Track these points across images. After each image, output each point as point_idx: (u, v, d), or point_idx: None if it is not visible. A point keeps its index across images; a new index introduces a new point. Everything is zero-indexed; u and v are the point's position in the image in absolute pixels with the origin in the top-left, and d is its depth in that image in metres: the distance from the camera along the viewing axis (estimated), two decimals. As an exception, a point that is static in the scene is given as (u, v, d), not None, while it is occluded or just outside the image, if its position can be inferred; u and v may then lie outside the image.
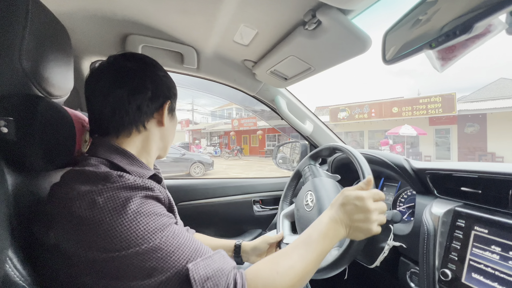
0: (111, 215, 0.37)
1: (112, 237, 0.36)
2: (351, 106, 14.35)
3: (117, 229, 0.36)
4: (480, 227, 0.52)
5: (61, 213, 0.38)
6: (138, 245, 0.36)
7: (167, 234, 0.39)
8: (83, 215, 0.37)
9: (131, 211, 0.38)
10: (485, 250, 0.50)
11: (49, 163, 0.48)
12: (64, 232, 0.38)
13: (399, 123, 12.29)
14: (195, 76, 1.06)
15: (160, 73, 0.55)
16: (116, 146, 0.49)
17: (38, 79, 0.45)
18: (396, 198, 0.86)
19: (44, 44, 0.47)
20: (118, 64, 0.51)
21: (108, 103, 0.49)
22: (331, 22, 0.58)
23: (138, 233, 0.37)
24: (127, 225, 0.37)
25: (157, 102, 0.53)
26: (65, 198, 0.39)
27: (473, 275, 0.50)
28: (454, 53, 0.42)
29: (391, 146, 11.52)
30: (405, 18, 0.50)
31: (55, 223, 0.38)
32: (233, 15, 0.69)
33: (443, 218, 0.59)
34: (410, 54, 0.48)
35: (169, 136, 0.59)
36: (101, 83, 0.50)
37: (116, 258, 0.35)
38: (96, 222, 0.36)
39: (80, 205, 0.37)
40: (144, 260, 0.36)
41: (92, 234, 0.36)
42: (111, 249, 0.36)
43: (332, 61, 0.75)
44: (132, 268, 0.36)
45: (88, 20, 0.78)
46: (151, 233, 0.38)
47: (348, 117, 14.41)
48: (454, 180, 0.64)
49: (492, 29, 0.38)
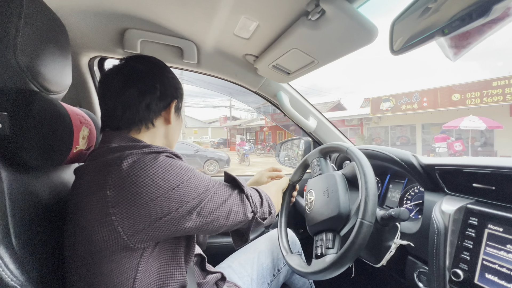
0: (157, 162, 0.44)
1: (163, 176, 0.44)
2: (397, 95, 11.92)
3: (165, 170, 0.44)
4: (494, 225, 0.50)
5: (116, 172, 0.42)
6: (184, 177, 0.46)
7: (197, 171, 0.51)
8: (136, 166, 0.42)
9: (168, 159, 0.46)
10: (500, 249, 0.47)
11: (46, 159, 0.47)
12: (122, 187, 0.41)
13: (462, 113, 9.49)
14: (195, 72, 1.04)
15: (169, 75, 0.59)
16: (131, 136, 0.52)
17: (34, 74, 0.44)
18: (403, 195, 0.84)
19: (41, 38, 0.45)
20: (130, 66, 0.55)
21: (120, 102, 0.52)
22: (335, 11, 0.55)
23: (179, 170, 0.46)
24: (169, 166, 0.45)
25: (165, 101, 0.57)
26: (117, 161, 0.43)
27: (487, 276, 0.47)
28: (468, 40, 0.40)
29: (449, 143, 9.37)
30: (414, 5, 0.47)
31: (109, 182, 0.41)
32: (233, 6, 0.66)
33: (454, 216, 0.56)
34: (420, 42, 0.45)
35: (174, 133, 0.63)
36: (114, 83, 0.53)
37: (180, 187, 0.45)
38: (147, 169, 0.43)
39: (133, 160, 0.43)
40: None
41: (146, 178, 0.42)
42: (166, 186, 0.43)
43: (336, 53, 0.72)
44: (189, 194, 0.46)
45: (86, 14, 0.76)
46: (187, 170, 0.48)
47: (393, 108, 12.01)
48: (465, 176, 0.61)
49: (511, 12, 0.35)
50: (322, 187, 0.75)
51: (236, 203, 0.54)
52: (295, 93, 1.15)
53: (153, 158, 0.45)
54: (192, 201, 0.46)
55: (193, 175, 0.48)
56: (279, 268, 0.87)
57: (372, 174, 0.61)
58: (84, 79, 0.96)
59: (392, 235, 0.68)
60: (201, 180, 0.49)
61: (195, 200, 0.47)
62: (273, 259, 0.87)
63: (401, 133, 13.08)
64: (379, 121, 13.63)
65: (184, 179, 0.46)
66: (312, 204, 0.75)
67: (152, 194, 0.42)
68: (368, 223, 0.54)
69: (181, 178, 0.46)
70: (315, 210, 0.73)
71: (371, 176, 0.60)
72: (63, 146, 0.51)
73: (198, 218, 0.47)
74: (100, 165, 0.45)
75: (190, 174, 0.48)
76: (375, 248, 0.71)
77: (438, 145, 9.43)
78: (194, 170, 0.50)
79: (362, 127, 14.63)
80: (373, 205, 0.56)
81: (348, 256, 0.54)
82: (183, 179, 0.46)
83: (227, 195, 0.53)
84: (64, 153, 0.51)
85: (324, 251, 0.63)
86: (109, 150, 0.47)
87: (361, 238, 0.54)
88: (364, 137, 14.16)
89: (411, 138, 12.64)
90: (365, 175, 0.60)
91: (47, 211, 0.48)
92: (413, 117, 11.94)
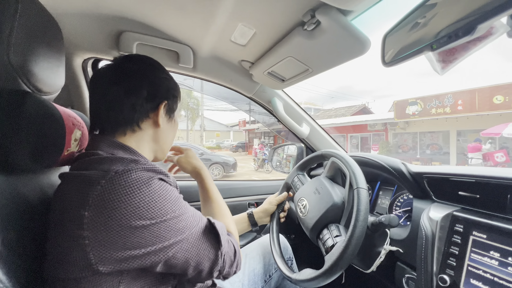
0: (146, 188, 0.41)
1: (149, 207, 0.41)
2: (425, 98, 10.45)
3: (152, 199, 0.41)
4: (478, 232, 0.52)
5: (96, 191, 0.39)
6: (170, 213, 0.43)
7: (184, 205, 0.48)
8: (121, 190, 0.39)
9: (158, 186, 0.44)
10: (484, 255, 0.49)
11: (36, 162, 0.46)
12: (102, 209, 0.38)
13: (507, 118, 7.99)
14: (191, 76, 1.04)
15: (161, 75, 0.56)
16: (118, 142, 0.50)
17: (26, 74, 0.43)
18: (392, 202, 0.86)
19: (34, 39, 0.45)
20: (118, 64, 0.53)
21: (104, 101, 0.50)
22: (330, 22, 0.57)
23: (168, 204, 0.43)
24: (158, 196, 0.42)
25: (153, 102, 0.54)
26: (98, 178, 0.40)
27: (472, 281, 0.49)
28: (455, 55, 0.42)
29: (486, 154, 7.78)
30: (405, 20, 0.50)
31: (89, 202, 0.39)
32: (231, 14, 0.67)
33: (441, 223, 0.58)
34: (410, 56, 0.47)
35: (166, 137, 0.59)
36: (101, 81, 0.52)
37: (156, 224, 0.41)
38: (133, 194, 0.40)
39: (118, 181, 0.40)
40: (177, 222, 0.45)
41: (129, 205, 0.39)
42: (150, 217, 0.41)
43: (330, 63, 0.74)
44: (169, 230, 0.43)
45: (82, 15, 0.76)
46: (176, 204, 0.45)
47: (421, 112, 10.58)
48: (452, 184, 0.63)
49: (493, 32, 0.37)
50: (311, 189, 0.79)
51: (208, 259, 0.49)
52: (289, 100, 1.17)
53: (142, 182, 0.41)
54: (171, 241, 0.43)
55: (181, 213, 0.45)
56: (270, 274, 0.87)
57: (349, 157, 0.69)
58: (77, 80, 0.94)
59: (382, 241, 0.70)
60: (187, 221, 0.46)
61: (174, 241, 0.43)
62: (265, 264, 0.87)
63: (432, 140, 11.59)
64: (406, 126, 12.22)
65: (171, 215, 0.43)
66: (306, 208, 0.76)
67: (133, 223, 0.39)
68: (364, 189, 0.59)
69: (168, 213, 0.43)
70: (311, 210, 0.75)
71: (348, 157, 0.69)
72: (55, 148, 0.50)
73: (169, 260, 0.43)
74: (82, 180, 0.42)
75: (179, 212, 0.45)
76: (365, 254, 0.72)
77: (471, 156, 8.00)
78: (184, 206, 0.47)
79: (387, 132, 13.21)
80: (360, 175, 0.63)
81: (360, 225, 0.57)
82: (170, 215, 0.43)
83: (204, 248, 0.48)
84: (55, 156, 0.50)
85: (333, 241, 0.64)
86: (94, 161, 0.44)
87: (364, 203, 0.58)
88: (389, 143, 12.89)
89: (444, 146, 11.14)
90: (343, 157, 0.70)
91: (36, 214, 0.47)
92: (446, 122, 10.52)
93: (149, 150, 0.57)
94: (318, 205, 0.73)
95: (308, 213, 0.75)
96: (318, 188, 0.76)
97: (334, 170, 0.78)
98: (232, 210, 1.23)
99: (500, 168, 0.61)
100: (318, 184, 0.78)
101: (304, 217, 0.77)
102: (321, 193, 0.74)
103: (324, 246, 0.66)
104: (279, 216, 0.93)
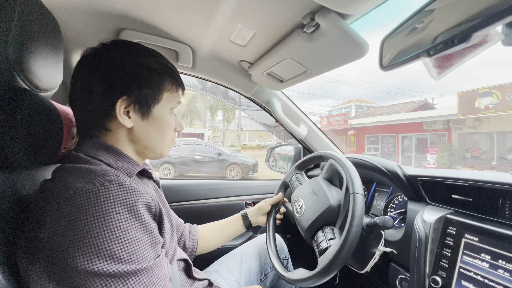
0: (108, 216, 0.36)
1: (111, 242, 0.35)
2: (503, 86, 7.92)
3: (116, 233, 0.36)
4: (470, 234, 0.53)
5: (54, 209, 0.36)
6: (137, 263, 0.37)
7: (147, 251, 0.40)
8: (78, 213, 0.35)
9: (127, 218, 0.38)
10: (475, 258, 0.50)
11: (33, 159, 0.46)
12: (58, 231, 0.35)
13: None
14: (190, 75, 1.04)
15: (123, 60, 0.46)
16: (101, 142, 0.47)
17: (24, 70, 0.43)
18: (387, 203, 0.87)
19: (32, 35, 0.45)
20: (81, 57, 0.48)
21: (70, 99, 0.48)
22: (329, 26, 0.58)
23: (120, 246, 0.36)
24: (124, 230, 0.37)
25: (109, 98, 0.45)
26: (59, 194, 0.37)
27: (463, 283, 0.50)
28: (451, 62, 0.43)
29: None
30: (403, 25, 0.50)
31: (47, 220, 0.36)
32: (231, 14, 0.68)
33: (434, 225, 0.59)
34: (407, 61, 0.48)
35: (148, 137, 0.51)
36: (73, 74, 0.48)
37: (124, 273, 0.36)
38: (92, 221, 0.35)
39: (75, 202, 0.35)
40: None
41: (87, 235, 0.34)
42: (113, 257, 0.35)
43: (329, 65, 0.75)
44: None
45: (81, 12, 0.75)
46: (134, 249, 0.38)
47: (497, 105, 8.02)
48: (446, 187, 0.64)
49: (489, 40, 0.38)
50: (308, 190, 0.79)
51: None
52: (288, 101, 1.18)
53: (99, 208, 0.35)
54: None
55: (140, 269, 0.38)
56: (266, 273, 0.88)
57: (347, 160, 0.69)
58: None
59: (377, 242, 0.71)
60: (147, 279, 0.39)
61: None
62: (261, 263, 0.88)
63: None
64: (477, 124, 9.48)
65: (124, 267, 0.36)
66: (303, 209, 0.77)
67: (79, 264, 0.34)
68: (360, 194, 0.60)
69: (121, 261, 0.36)
70: (307, 211, 0.75)
71: (346, 160, 0.70)
72: (52, 146, 0.50)
73: None
74: (47, 192, 0.38)
75: (135, 265, 0.37)
76: (360, 255, 0.73)
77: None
78: (143, 254, 0.39)
79: (449, 132, 10.54)
80: (357, 179, 0.64)
81: (354, 231, 0.57)
82: (123, 266, 0.36)
83: None
84: (52, 153, 0.50)
85: (327, 243, 0.65)
86: (65, 170, 0.41)
87: (359, 209, 0.58)
88: (451, 146, 10.17)
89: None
90: (341, 160, 0.70)
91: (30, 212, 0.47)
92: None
93: (133, 151, 0.52)
94: (314, 207, 0.73)
95: (304, 214, 0.76)
96: (315, 190, 0.77)
97: (332, 171, 0.79)
98: (229, 210, 1.25)
99: (493, 173, 0.62)
100: (315, 186, 0.78)
101: (300, 218, 0.78)
102: (317, 195, 0.75)
103: (318, 248, 0.67)
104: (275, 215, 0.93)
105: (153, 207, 0.44)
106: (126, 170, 0.46)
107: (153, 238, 0.41)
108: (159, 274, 0.41)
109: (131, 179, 0.46)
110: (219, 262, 0.86)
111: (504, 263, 0.46)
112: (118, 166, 0.46)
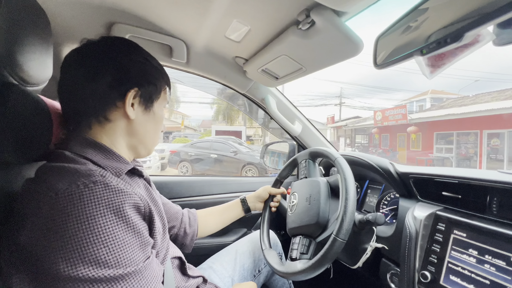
0: (92, 219, 0.35)
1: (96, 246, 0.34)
2: None
3: (100, 237, 0.35)
4: (459, 231, 0.54)
5: (35, 212, 0.35)
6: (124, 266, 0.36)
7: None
8: (60, 216, 0.34)
9: (113, 220, 0.37)
10: (463, 253, 0.52)
11: (21, 156, 0.45)
12: (39, 235, 0.34)
13: None
14: (184, 71, 1.03)
15: (135, 57, 0.49)
16: (89, 138, 0.46)
17: (11, 64, 0.42)
18: (379, 200, 0.88)
19: (20, 27, 0.43)
20: (83, 47, 0.48)
21: (66, 88, 0.46)
22: (324, 23, 0.58)
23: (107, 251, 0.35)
24: (109, 234, 0.36)
25: (119, 89, 0.46)
26: (40, 195, 0.36)
27: (451, 277, 0.52)
28: (443, 61, 0.43)
29: None
30: (397, 24, 0.51)
31: (28, 223, 0.35)
32: (226, 10, 0.67)
33: (424, 222, 0.60)
34: (400, 59, 0.48)
35: (144, 131, 0.52)
36: (64, 66, 0.47)
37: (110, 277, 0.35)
38: (75, 225, 0.34)
39: (57, 205, 0.34)
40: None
41: (70, 239, 0.33)
42: (96, 261, 0.34)
43: (324, 62, 0.75)
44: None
45: (72, 4, 0.73)
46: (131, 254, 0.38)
47: None
48: (436, 184, 0.66)
49: (480, 39, 0.39)
50: (306, 193, 0.78)
51: None
52: (283, 98, 1.18)
53: (84, 212, 0.34)
54: None
55: (126, 274, 0.37)
56: (259, 269, 0.88)
57: (353, 191, 0.62)
58: None
59: (369, 238, 0.72)
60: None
61: None
62: (254, 260, 0.88)
63: None
64: None
65: (110, 272, 0.35)
66: (295, 207, 0.78)
67: (61, 270, 0.33)
68: (341, 240, 0.58)
69: (108, 266, 0.35)
70: (296, 213, 0.76)
71: (352, 193, 0.61)
72: (41, 142, 0.49)
73: None
74: (29, 192, 0.37)
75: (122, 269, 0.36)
76: (352, 251, 0.74)
77: None
78: (132, 259, 0.38)
79: None
80: (348, 223, 0.58)
81: (318, 266, 0.58)
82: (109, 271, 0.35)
83: None
84: (41, 149, 0.49)
85: (298, 255, 0.67)
86: (48, 170, 0.40)
87: (332, 253, 0.57)
88: None
89: None
90: (347, 191, 0.61)
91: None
92: None
93: (126, 146, 0.52)
94: (303, 214, 0.73)
95: (293, 214, 0.77)
96: (312, 196, 0.74)
97: (337, 181, 0.74)
98: (224, 206, 1.24)
99: (482, 170, 0.63)
100: (314, 191, 0.75)
101: (289, 214, 0.79)
102: (311, 204, 0.73)
103: (290, 252, 0.70)
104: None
105: (142, 208, 0.43)
106: (114, 169, 0.45)
107: (142, 239, 0.41)
108: (149, 276, 0.40)
109: (120, 179, 0.44)
110: (213, 259, 0.87)
111: (490, 258, 0.47)
112: (106, 165, 0.44)
